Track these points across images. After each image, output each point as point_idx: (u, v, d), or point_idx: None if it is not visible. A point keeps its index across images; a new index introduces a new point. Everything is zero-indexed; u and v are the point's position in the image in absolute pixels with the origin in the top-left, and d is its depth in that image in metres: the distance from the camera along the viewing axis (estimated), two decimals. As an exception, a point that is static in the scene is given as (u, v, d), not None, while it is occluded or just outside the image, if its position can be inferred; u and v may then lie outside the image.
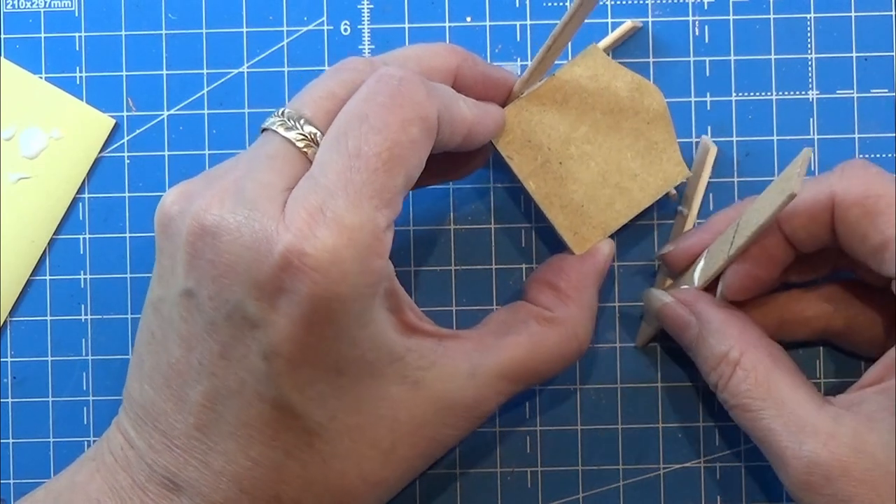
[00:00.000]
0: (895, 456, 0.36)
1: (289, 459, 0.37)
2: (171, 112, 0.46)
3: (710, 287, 0.42)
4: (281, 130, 0.37)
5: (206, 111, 0.45)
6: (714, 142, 0.45)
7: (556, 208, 0.42)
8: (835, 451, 0.37)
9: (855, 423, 0.37)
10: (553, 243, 0.45)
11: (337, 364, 0.36)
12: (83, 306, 0.45)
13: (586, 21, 0.40)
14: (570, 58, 0.43)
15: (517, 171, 0.42)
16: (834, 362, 0.45)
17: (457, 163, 0.42)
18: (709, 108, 0.45)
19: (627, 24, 0.45)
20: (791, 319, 0.43)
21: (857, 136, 0.45)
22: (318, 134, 0.37)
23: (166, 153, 0.45)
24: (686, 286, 0.42)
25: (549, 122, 0.42)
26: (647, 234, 0.45)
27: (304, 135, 0.37)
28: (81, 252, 0.45)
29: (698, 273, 0.42)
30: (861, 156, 0.45)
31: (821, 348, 0.45)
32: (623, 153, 0.42)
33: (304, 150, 0.37)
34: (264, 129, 0.38)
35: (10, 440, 0.45)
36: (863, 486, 0.37)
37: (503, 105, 0.42)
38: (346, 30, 0.46)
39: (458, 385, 0.38)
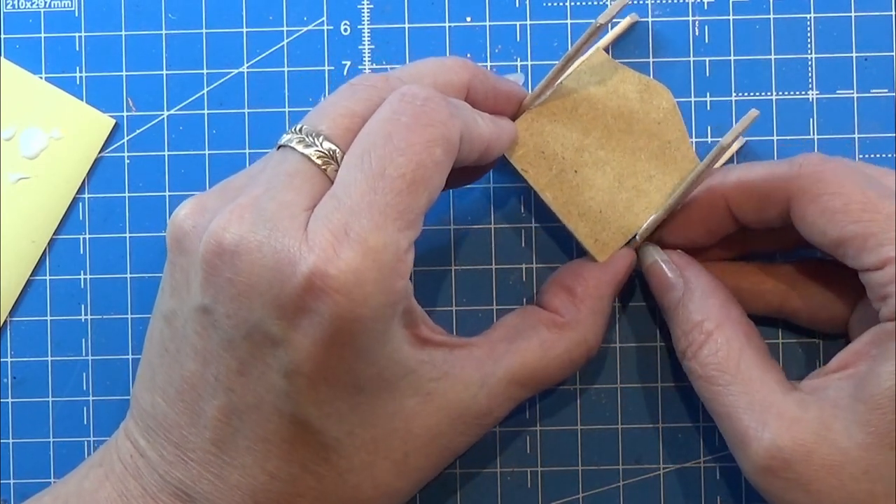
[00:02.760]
0: (858, 443, 0.36)
1: (305, 473, 0.37)
2: (171, 112, 0.46)
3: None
4: (299, 148, 0.37)
5: (206, 111, 0.45)
6: (714, 142, 0.45)
7: (575, 217, 0.42)
8: (797, 436, 0.37)
9: (820, 409, 0.37)
10: (553, 243, 0.45)
11: (355, 381, 0.36)
12: (83, 306, 0.45)
13: (586, 20, 0.40)
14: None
15: (533, 184, 0.42)
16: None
17: (466, 173, 0.42)
18: (709, 108, 0.45)
19: (626, 19, 0.45)
20: (747, 289, 0.43)
21: (856, 136, 0.45)
22: (337, 151, 0.37)
23: (166, 153, 0.45)
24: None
25: (560, 132, 0.42)
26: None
27: (322, 152, 0.37)
28: (81, 252, 0.45)
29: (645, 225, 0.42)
30: (861, 156, 0.45)
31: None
32: (637, 155, 0.42)
33: (323, 167, 0.37)
34: (280, 146, 0.38)
35: (10, 440, 0.45)
36: (824, 471, 0.37)
37: (513, 118, 0.42)
38: (346, 30, 0.46)
39: (470, 394, 0.39)
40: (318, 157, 0.37)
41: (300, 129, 0.37)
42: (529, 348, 0.40)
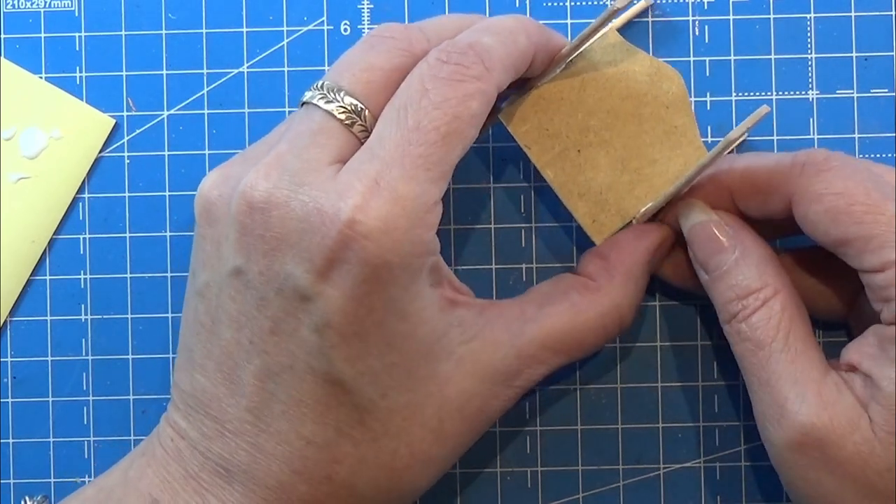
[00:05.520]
0: (881, 439, 0.36)
1: (340, 437, 0.37)
2: (171, 112, 0.46)
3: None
4: (322, 104, 0.37)
5: (206, 111, 0.45)
6: (714, 142, 0.45)
7: (575, 197, 0.42)
8: (835, 418, 0.37)
9: (854, 400, 0.37)
10: (553, 243, 0.45)
11: (387, 338, 0.36)
12: (83, 306, 0.45)
13: (586, 20, 0.40)
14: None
15: (535, 161, 0.42)
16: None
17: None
18: (709, 108, 0.45)
19: (641, 3, 0.44)
20: None
21: (856, 136, 0.45)
22: (359, 105, 0.37)
23: (166, 153, 0.45)
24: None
25: (566, 110, 0.42)
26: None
27: (344, 107, 0.37)
28: (81, 252, 0.45)
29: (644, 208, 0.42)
30: (861, 156, 0.45)
31: None
32: (642, 138, 0.42)
33: (346, 122, 0.37)
34: (304, 103, 0.38)
35: (10, 440, 0.45)
36: (853, 458, 0.37)
37: (522, 93, 0.42)
38: (346, 30, 0.46)
39: (501, 355, 0.38)
40: (340, 113, 0.37)
41: (322, 86, 0.38)
42: (561, 311, 0.40)
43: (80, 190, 0.45)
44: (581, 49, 0.42)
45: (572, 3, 0.45)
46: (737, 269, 0.40)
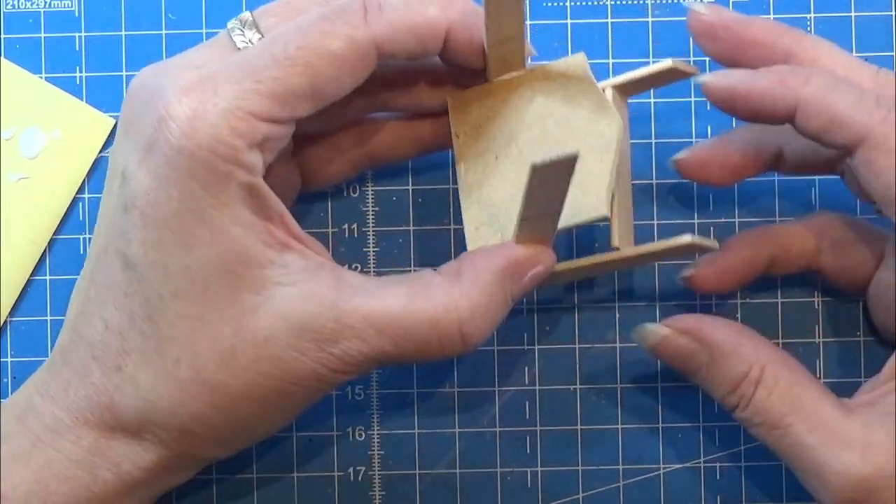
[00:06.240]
0: None
1: (132, 328, 0.37)
2: (171, 112, 0.45)
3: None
4: (232, 34, 0.39)
5: (206, 111, 0.45)
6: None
7: (472, 199, 0.41)
8: (874, 462, 0.36)
9: (885, 428, 0.37)
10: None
11: (184, 237, 0.36)
12: (83, 306, 0.45)
13: (586, 20, 0.40)
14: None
15: (456, 150, 0.41)
16: (835, 361, 0.45)
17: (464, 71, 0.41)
18: (709, 108, 0.45)
19: (667, 62, 0.41)
20: (777, 255, 0.42)
21: (856, 136, 0.45)
22: (250, 20, 0.39)
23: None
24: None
25: (505, 115, 0.41)
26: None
27: (247, 40, 0.38)
28: (81, 252, 0.45)
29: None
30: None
31: (820, 342, 0.45)
32: None
33: (230, 33, 0.39)
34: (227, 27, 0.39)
35: (11, 440, 0.45)
36: None
37: (476, 83, 0.41)
38: (346, 30, 0.46)
39: (316, 311, 0.37)
40: (241, 43, 0.38)
41: (245, 18, 0.39)
42: (397, 294, 0.38)
43: (80, 190, 0.45)
44: (543, 63, 0.40)
45: (572, 3, 0.45)
46: (715, 367, 0.40)
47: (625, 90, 0.41)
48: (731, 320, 0.41)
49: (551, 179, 0.35)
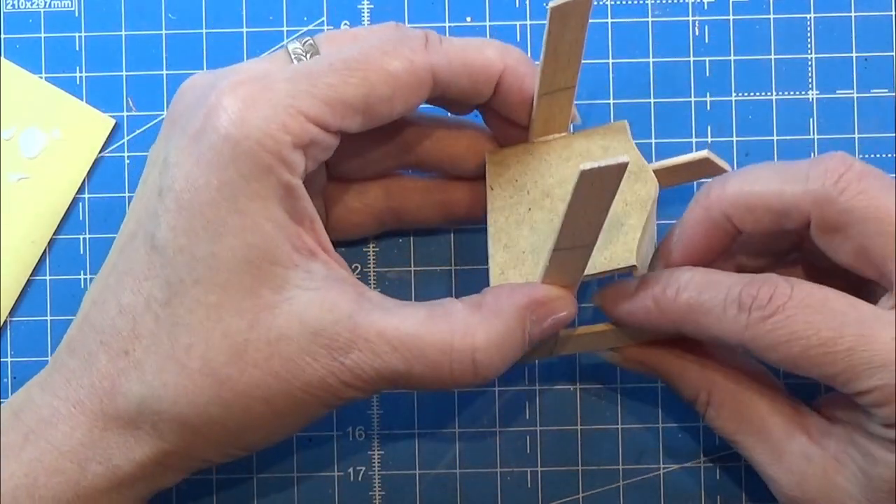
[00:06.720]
0: (859, 501, 0.38)
1: (147, 312, 0.37)
2: (171, 112, 0.46)
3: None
4: (293, 59, 0.39)
5: (206, 111, 0.45)
6: (714, 142, 0.45)
7: (500, 245, 0.41)
8: (807, 492, 0.39)
9: (824, 464, 0.39)
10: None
11: (217, 226, 0.36)
12: (83, 306, 0.45)
13: (589, 21, 0.40)
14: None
15: (489, 202, 0.41)
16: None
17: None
18: (709, 108, 0.45)
19: (703, 153, 0.41)
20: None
21: (856, 136, 0.45)
22: (314, 45, 0.39)
23: (166, 153, 0.45)
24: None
25: (541, 171, 0.41)
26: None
27: (298, 45, 0.39)
28: (81, 252, 0.45)
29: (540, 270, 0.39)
30: (861, 156, 0.45)
31: None
32: None
33: (293, 56, 0.39)
34: (286, 48, 0.40)
35: (11, 440, 0.45)
36: None
37: (519, 139, 0.42)
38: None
39: (333, 318, 0.37)
40: (292, 49, 0.39)
41: (306, 41, 0.39)
42: (416, 314, 0.37)
43: (80, 190, 0.45)
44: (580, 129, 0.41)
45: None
46: (673, 389, 0.42)
47: (658, 177, 0.41)
48: (684, 343, 0.41)
49: (597, 191, 0.34)
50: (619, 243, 0.39)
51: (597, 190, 0.34)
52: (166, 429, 0.37)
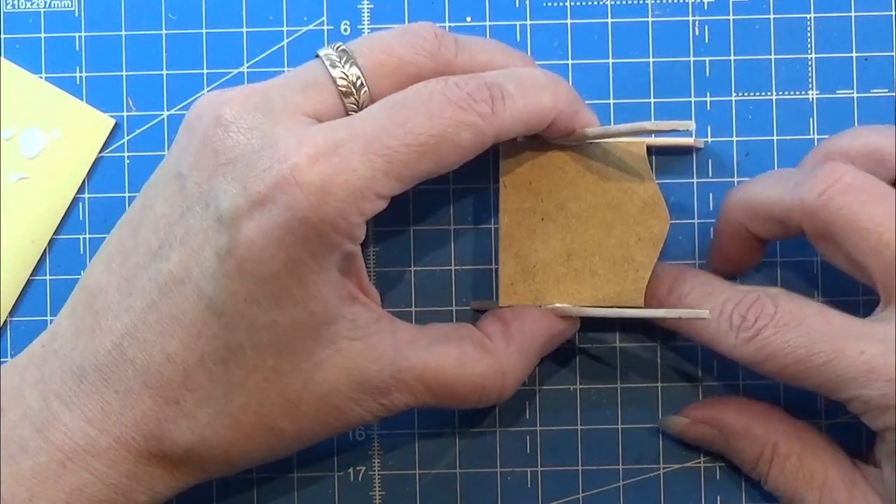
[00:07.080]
0: None
1: (199, 368, 0.37)
2: (171, 112, 0.46)
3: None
4: (328, 64, 0.38)
5: (206, 111, 0.45)
6: (714, 142, 0.45)
7: (511, 253, 0.42)
8: None
9: None
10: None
11: (278, 294, 0.36)
12: (83, 306, 0.45)
13: (586, 20, 0.40)
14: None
15: (502, 201, 0.42)
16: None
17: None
18: (709, 108, 0.45)
19: (686, 139, 0.44)
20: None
21: (857, 136, 0.45)
22: (362, 81, 0.38)
23: (166, 153, 0.45)
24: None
25: (558, 181, 0.42)
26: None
27: (347, 76, 0.38)
28: (81, 252, 0.45)
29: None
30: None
31: None
32: (600, 249, 0.41)
33: (342, 89, 0.38)
34: (317, 56, 0.39)
35: (11, 440, 0.45)
36: None
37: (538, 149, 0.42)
38: (346, 30, 0.46)
39: (378, 367, 0.38)
40: (341, 80, 0.38)
41: (339, 48, 0.39)
42: (450, 354, 0.39)
43: (80, 190, 0.45)
44: (604, 139, 0.41)
45: (572, 3, 0.45)
46: (733, 449, 0.42)
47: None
48: (746, 401, 0.43)
49: None
50: (629, 280, 0.41)
51: None
52: (210, 467, 0.38)
